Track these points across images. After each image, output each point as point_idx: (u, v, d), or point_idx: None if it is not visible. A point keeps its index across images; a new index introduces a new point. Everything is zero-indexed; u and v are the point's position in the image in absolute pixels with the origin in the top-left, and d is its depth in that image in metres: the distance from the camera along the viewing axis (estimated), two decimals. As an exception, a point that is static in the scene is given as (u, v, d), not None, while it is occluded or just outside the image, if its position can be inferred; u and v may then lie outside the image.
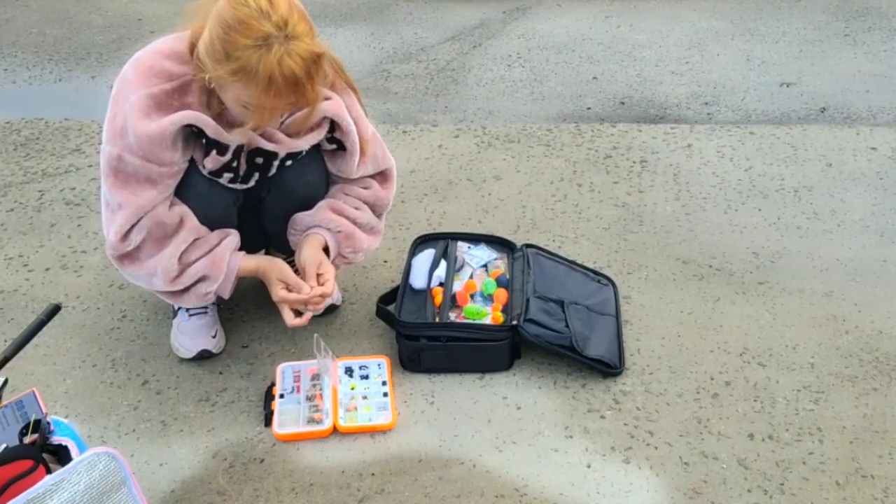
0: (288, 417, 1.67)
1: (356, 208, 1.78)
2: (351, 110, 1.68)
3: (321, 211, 1.75)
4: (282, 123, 1.63)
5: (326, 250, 1.75)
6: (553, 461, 1.60)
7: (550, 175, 2.58)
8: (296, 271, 1.73)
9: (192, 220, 1.63)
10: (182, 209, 1.62)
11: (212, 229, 1.68)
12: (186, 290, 1.67)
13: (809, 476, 1.56)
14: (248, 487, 1.54)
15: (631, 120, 3.00)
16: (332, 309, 1.96)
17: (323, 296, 1.69)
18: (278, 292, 1.68)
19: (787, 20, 3.91)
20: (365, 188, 1.80)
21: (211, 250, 1.65)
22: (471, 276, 1.93)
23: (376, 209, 1.82)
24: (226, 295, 1.72)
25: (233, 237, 1.70)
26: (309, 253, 1.73)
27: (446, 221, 2.34)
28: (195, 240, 1.63)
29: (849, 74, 3.35)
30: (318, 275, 1.71)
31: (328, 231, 1.74)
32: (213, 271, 1.65)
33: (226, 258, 1.66)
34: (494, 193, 2.48)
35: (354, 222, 1.77)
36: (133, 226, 1.57)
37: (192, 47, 1.50)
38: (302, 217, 1.76)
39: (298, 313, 1.72)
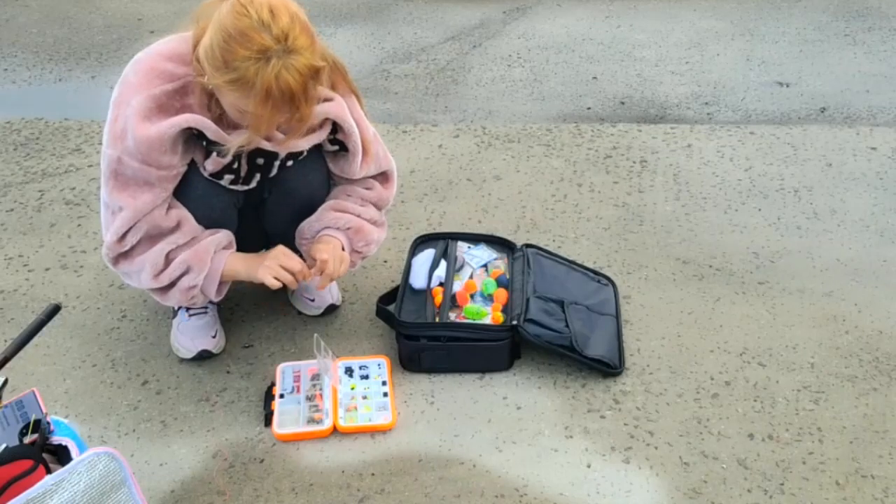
0: (288, 417, 1.67)
1: (360, 206, 1.78)
2: (353, 112, 1.67)
3: (325, 213, 1.75)
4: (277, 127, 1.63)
5: None
6: (553, 461, 1.60)
7: (550, 175, 2.58)
8: None
9: (189, 224, 1.62)
10: (180, 212, 1.61)
11: (211, 230, 1.68)
12: (172, 284, 1.64)
13: (809, 476, 1.56)
14: (248, 487, 1.54)
15: (631, 120, 3.00)
16: (332, 309, 1.96)
17: (320, 267, 1.68)
18: (277, 255, 1.66)
19: (787, 20, 3.91)
20: (367, 188, 1.79)
21: (197, 244, 1.64)
22: (471, 276, 1.93)
23: (378, 207, 1.82)
24: (213, 295, 1.68)
25: (222, 234, 1.68)
26: (317, 246, 1.72)
27: (446, 221, 2.34)
28: (187, 240, 1.63)
29: (849, 74, 3.35)
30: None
31: (337, 230, 1.74)
32: (196, 263, 1.62)
33: (210, 251, 1.64)
34: (494, 193, 2.48)
35: (360, 217, 1.77)
36: (130, 228, 1.57)
37: (196, 49, 1.49)
38: (309, 223, 1.76)
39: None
